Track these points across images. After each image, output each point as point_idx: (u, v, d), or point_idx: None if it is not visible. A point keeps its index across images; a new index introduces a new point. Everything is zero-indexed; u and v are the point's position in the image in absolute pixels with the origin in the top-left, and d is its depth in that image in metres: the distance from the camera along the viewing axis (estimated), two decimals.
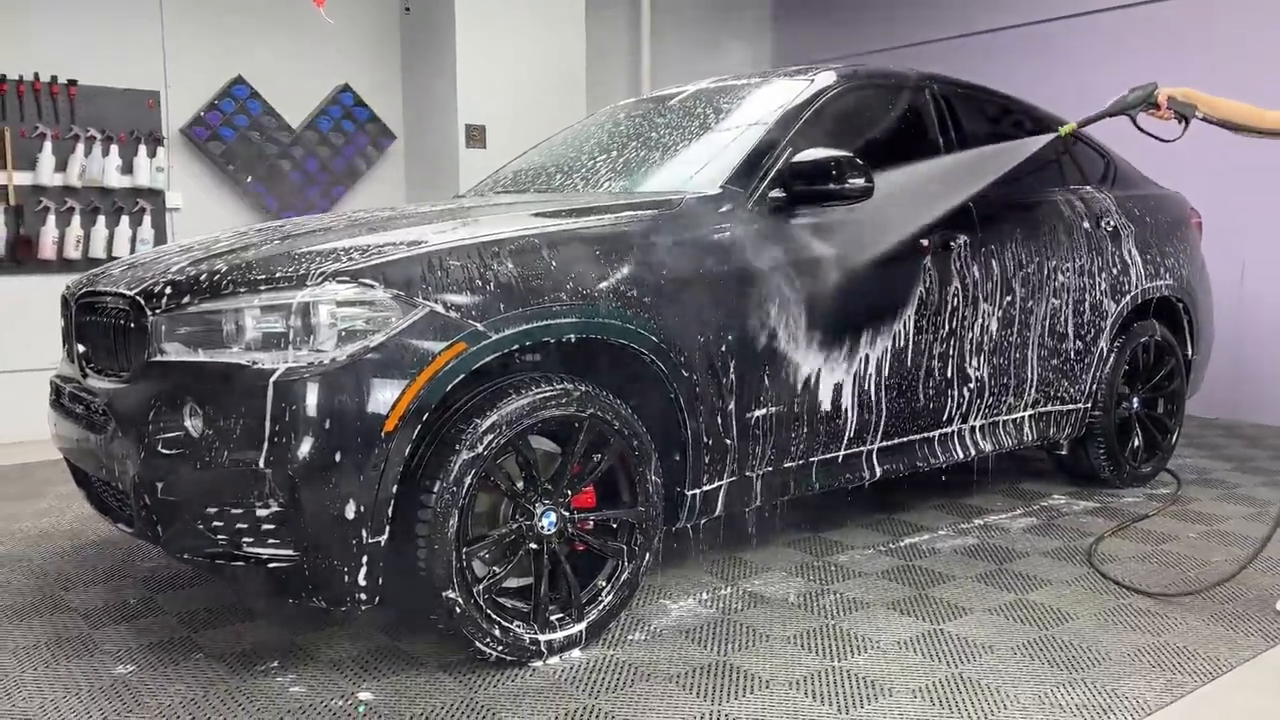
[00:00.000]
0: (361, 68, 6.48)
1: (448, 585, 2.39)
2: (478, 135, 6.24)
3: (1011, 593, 3.09)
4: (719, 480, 2.95)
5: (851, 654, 2.64)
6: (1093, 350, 4.08)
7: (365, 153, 6.47)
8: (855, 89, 3.54)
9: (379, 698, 2.40)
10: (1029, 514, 3.97)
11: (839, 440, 3.25)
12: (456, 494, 2.38)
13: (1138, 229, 4.26)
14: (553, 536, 2.57)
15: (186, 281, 2.48)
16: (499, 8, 6.25)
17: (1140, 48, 6.23)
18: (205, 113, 5.89)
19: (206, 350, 2.39)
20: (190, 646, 2.69)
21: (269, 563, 2.32)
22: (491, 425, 2.43)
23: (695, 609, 2.96)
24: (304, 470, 2.24)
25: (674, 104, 3.76)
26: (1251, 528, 3.78)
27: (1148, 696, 2.40)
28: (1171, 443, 4.52)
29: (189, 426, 2.35)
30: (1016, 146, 3.56)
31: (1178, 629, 2.80)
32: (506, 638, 2.49)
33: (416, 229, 2.69)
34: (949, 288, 3.49)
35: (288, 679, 2.49)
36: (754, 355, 2.96)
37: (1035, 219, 3.89)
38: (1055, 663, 2.59)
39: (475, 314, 2.42)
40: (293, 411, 2.25)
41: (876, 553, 3.48)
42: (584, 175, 3.54)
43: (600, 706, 2.35)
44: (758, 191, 3.05)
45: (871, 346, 3.29)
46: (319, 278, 2.36)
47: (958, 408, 3.60)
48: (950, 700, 2.38)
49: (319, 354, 2.30)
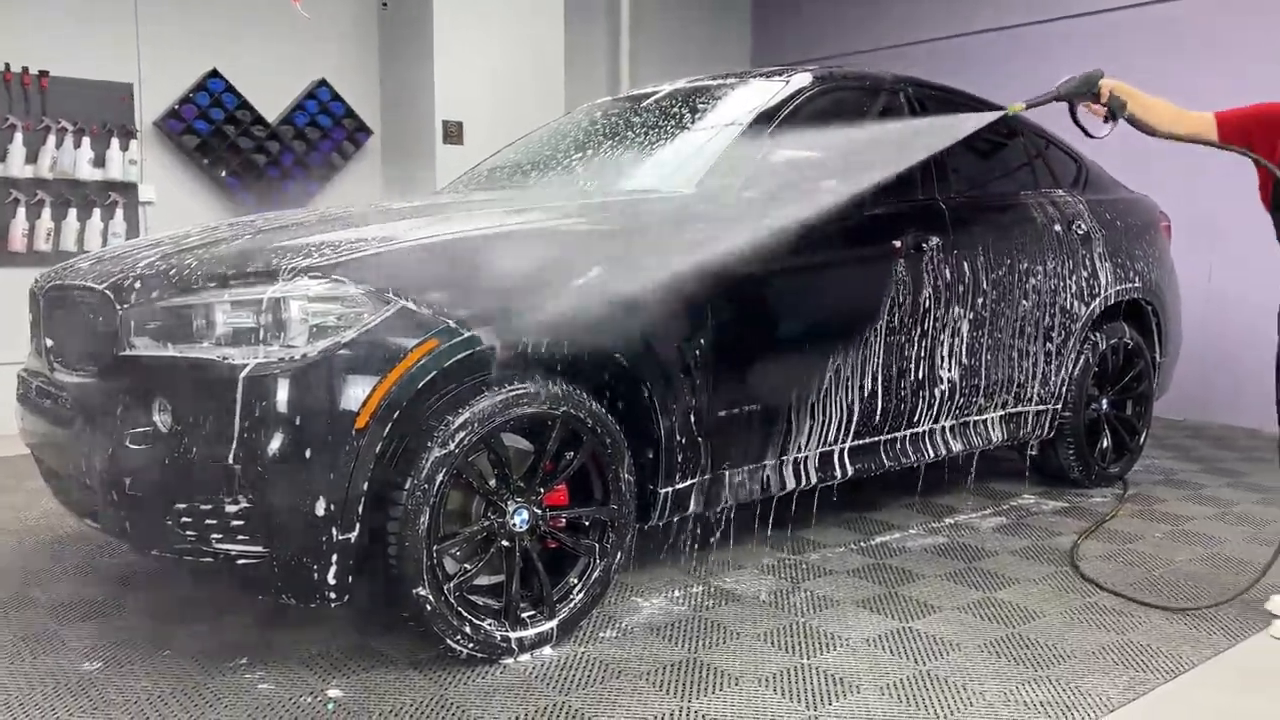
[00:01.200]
0: (338, 62, 6.44)
1: (418, 582, 2.38)
2: (455, 131, 6.22)
3: (980, 591, 3.12)
4: (692, 478, 2.96)
5: (821, 651, 2.66)
6: (1063, 352, 4.12)
7: (341, 148, 6.43)
8: (830, 91, 3.56)
9: (348, 695, 2.39)
10: (999, 513, 4.01)
11: (811, 439, 3.27)
12: (428, 491, 2.38)
13: (1108, 233, 4.31)
14: (525, 534, 2.58)
15: (157, 276, 2.47)
16: (477, 3, 6.23)
17: (1116, 52, 6.29)
18: (180, 105, 5.84)
19: (176, 345, 2.37)
20: (158, 643, 2.67)
21: (238, 559, 2.31)
22: (463, 423, 2.43)
23: (667, 606, 2.97)
24: (274, 466, 2.23)
25: (650, 103, 3.77)
26: (1215, 528, 3.84)
27: (1111, 693, 2.43)
28: (1140, 443, 4.58)
29: (158, 421, 2.33)
30: (962, 120, 3.52)
31: (1142, 627, 2.84)
32: (477, 635, 2.49)
33: (390, 225, 2.69)
34: (921, 289, 3.52)
35: (256, 676, 2.48)
36: (727, 354, 2.97)
37: (1008, 222, 3.93)
38: (1021, 660, 2.62)
39: (448, 311, 2.41)
40: (263, 407, 2.24)
41: (847, 551, 3.50)
42: (560, 173, 3.54)
43: (571, 704, 2.36)
44: (733, 191, 3.06)
45: (845, 346, 3.31)
46: (291, 273, 2.35)
47: (929, 408, 3.63)
48: (917, 697, 2.40)
49: (290, 350, 2.29)
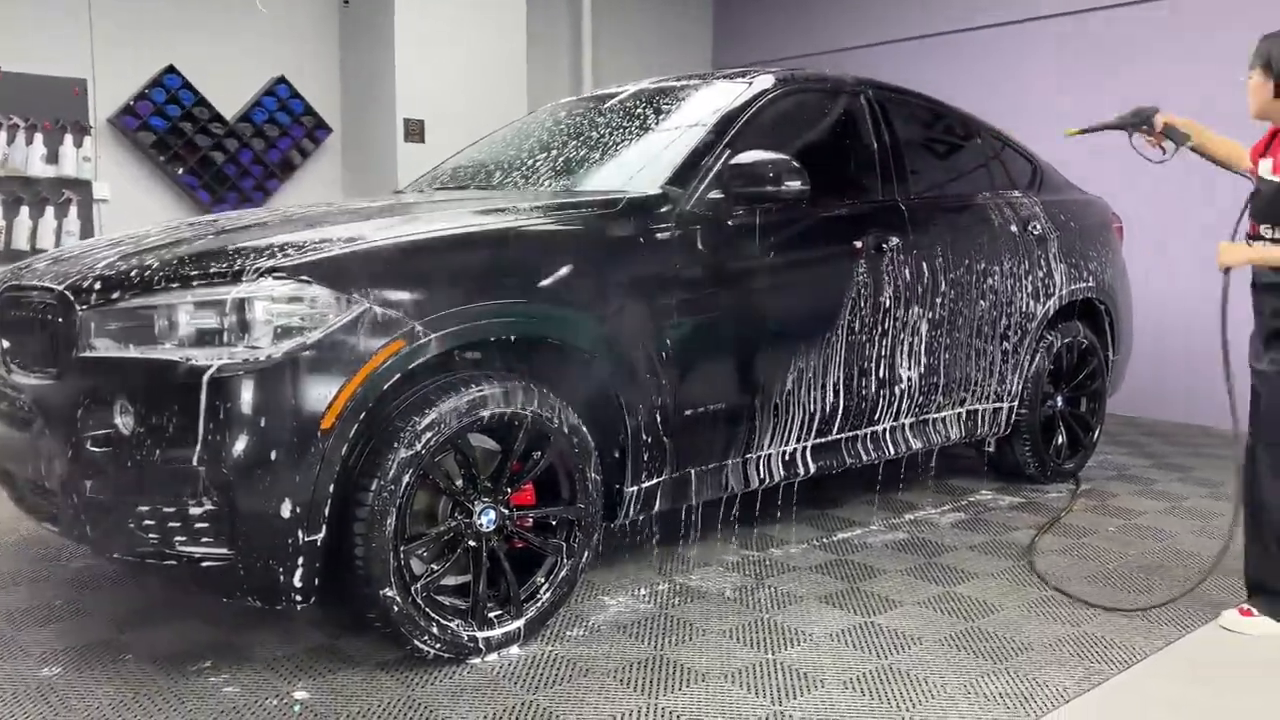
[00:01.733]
0: (298, 59, 6.38)
1: (385, 583, 2.38)
2: (416, 130, 6.19)
3: (940, 585, 3.18)
4: (658, 477, 2.98)
5: (785, 647, 2.69)
6: (1019, 351, 4.20)
7: (301, 145, 6.38)
8: (793, 93, 3.60)
9: (315, 697, 2.39)
10: (957, 509, 4.08)
11: (775, 438, 3.31)
12: (394, 492, 2.38)
13: (1062, 233, 4.40)
14: (491, 534, 2.58)
15: (117, 276, 2.44)
16: (439, 1, 6.21)
17: (1076, 54, 6.42)
18: (135, 102, 5.75)
19: (138, 346, 2.34)
20: (119, 648, 2.64)
21: (202, 562, 2.29)
22: (430, 423, 2.43)
23: (633, 604, 2.99)
24: (239, 468, 2.22)
25: (614, 104, 3.78)
26: (1167, 522, 3.94)
27: (1067, 684, 2.49)
28: (1093, 440, 4.68)
29: (119, 424, 2.31)
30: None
31: (1096, 620, 2.91)
32: (445, 635, 2.50)
33: (354, 225, 2.68)
34: (882, 289, 3.57)
35: (221, 679, 2.47)
36: (692, 354, 3.00)
37: (966, 223, 4.00)
38: (980, 653, 2.67)
39: (414, 312, 2.41)
40: (227, 409, 2.22)
41: (810, 547, 3.55)
42: (524, 173, 3.55)
43: (538, 702, 2.37)
44: (697, 192, 3.09)
45: (807, 345, 3.35)
46: (255, 274, 2.33)
47: (889, 406, 3.69)
48: (880, 691, 2.45)
49: (254, 351, 2.27)
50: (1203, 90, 5.84)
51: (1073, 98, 6.38)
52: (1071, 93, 6.39)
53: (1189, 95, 5.91)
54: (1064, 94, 6.42)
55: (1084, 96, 6.32)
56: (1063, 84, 6.44)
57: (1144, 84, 6.05)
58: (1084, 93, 6.33)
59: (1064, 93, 6.42)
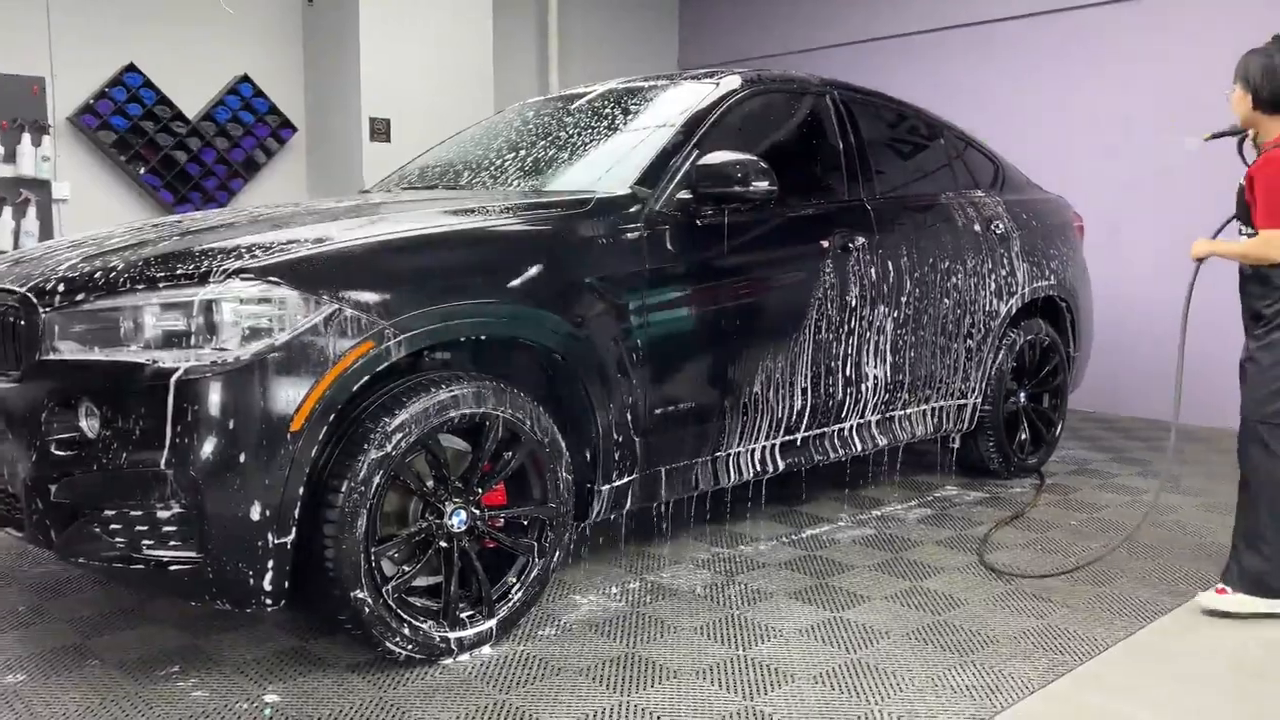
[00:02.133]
0: (261, 58, 6.32)
1: (356, 585, 2.37)
2: (382, 129, 6.16)
3: (907, 580, 3.22)
4: (629, 476, 3.00)
5: (756, 643, 2.72)
6: (983, 348, 4.26)
7: (265, 144, 6.32)
8: (760, 93, 3.63)
9: (286, 700, 2.37)
10: (923, 505, 4.14)
11: (744, 436, 3.34)
12: (365, 494, 2.37)
13: (1024, 232, 4.47)
14: (463, 534, 2.58)
15: (81, 278, 2.41)
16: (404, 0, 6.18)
17: (1034, 56, 6.51)
18: (95, 101, 5.67)
19: (103, 349, 2.32)
20: (84, 653, 2.61)
21: (170, 565, 2.27)
22: (400, 424, 2.42)
23: (604, 603, 3.00)
24: (207, 471, 2.20)
25: (583, 104, 3.79)
26: (1126, 514, 4.01)
27: (1032, 676, 2.54)
28: (1056, 435, 4.76)
29: (84, 427, 2.28)
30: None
31: (1059, 612, 2.97)
32: (416, 636, 2.50)
33: (322, 226, 2.66)
34: (848, 288, 3.61)
35: (189, 683, 2.45)
36: (663, 353, 3.02)
37: (930, 222, 4.05)
38: (947, 646, 2.71)
39: (383, 313, 2.40)
40: (195, 411, 2.20)
41: (779, 544, 3.58)
42: (493, 173, 3.55)
43: (511, 701, 2.37)
44: (666, 192, 3.10)
45: (775, 345, 3.38)
46: (222, 275, 2.32)
47: (856, 404, 3.73)
48: (850, 685, 2.48)
49: (222, 353, 2.26)
50: (1166, 89, 5.96)
51: (1033, 98, 6.47)
52: (1031, 93, 6.49)
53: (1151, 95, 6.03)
54: (1023, 94, 6.52)
55: (1044, 97, 6.42)
56: (1021, 84, 6.54)
57: (1102, 85, 6.16)
58: (1043, 93, 6.43)
59: (1023, 93, 6.52)
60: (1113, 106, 6.12)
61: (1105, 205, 5.90)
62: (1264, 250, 2.86)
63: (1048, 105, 6.41)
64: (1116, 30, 6.12)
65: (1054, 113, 6.39)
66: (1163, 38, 5.92)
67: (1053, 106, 6.40)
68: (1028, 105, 6.49)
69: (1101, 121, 6.16)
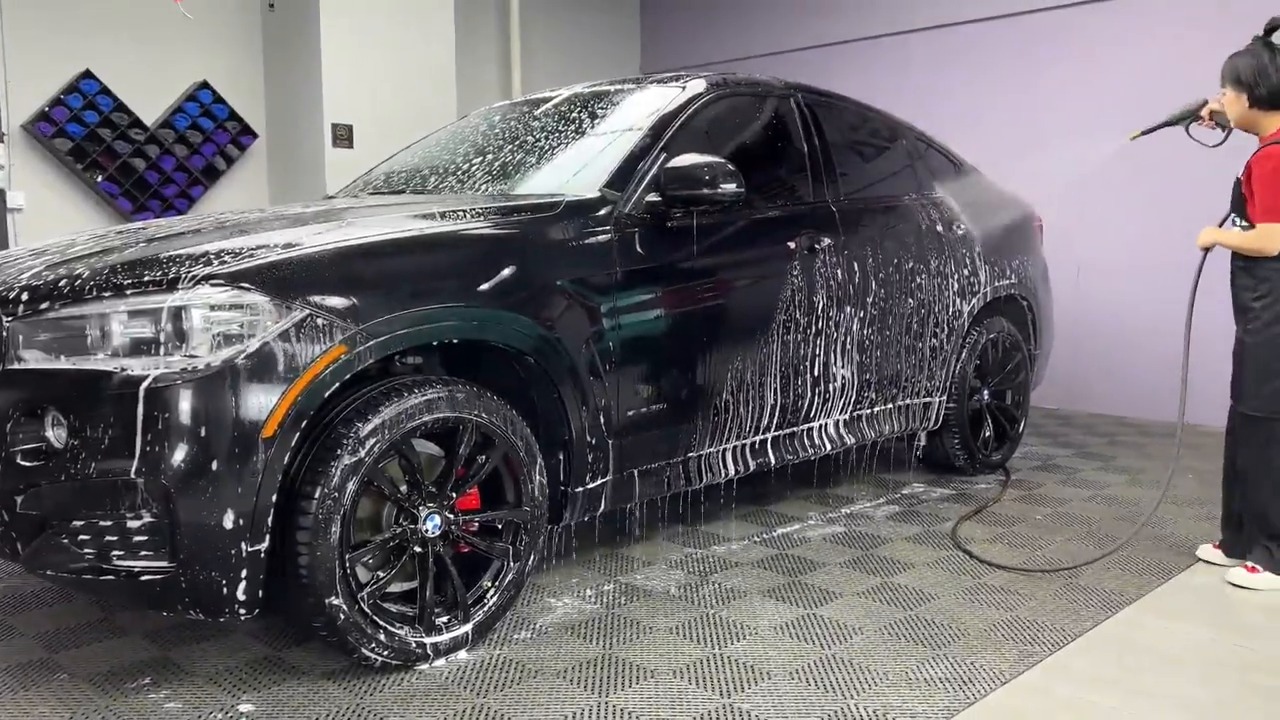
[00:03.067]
0: (220, 63, 6.25)
1: (331, 592, 2.36)
2: (344, 134, 6.12)
3: (878, 576, 3.26)
4: (602, 478, 3.00)
5: (731, 641, 2.74)
6: (947, 347, 4.32)
7: (225, 151, 6.25)
8: (725, 97, 3.66)
9: (261, 709, 2.35)
10: (891, 502, 4.19)
11: (715, 436, 3.36)
12: (339, 500, 2.36)
13: (985, 232, 4.53)
14: (437, 539, 2.58)
15: (45, 286, 2.38)
16: (365, 4, 6.14)
17: (992, 58, 6.62)
18: (50, 108, 5.57)
19: (69, 357, 2.29)
20: (52, 667, 2.57)
21: (141, 575, 2.24)
22: (373, 429, 2.41)
23: (579, 605, 3.00)
24: (179, 479, 2.18)
25: (549, 108, 3.80)
26: (1090, 509, 4.09)
27: (1003, 666, 2.58)
28: (1019, 432, 4.83)
29: (51, 436, 2.25)
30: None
31: (1028, 605, 3.02)
32: (392, 642, 2.48)
33: (291, 231, 2.65)
34: (815, 289, 3.65)
35: (161, 695, 2.42)
36: (634, 354, 3.03)
37: (894, 223, 4.10)
38: (920, 640, 2.75)
39: (355, 317, 2.39)
40: (165, 419, 2.18)
41: (751, 543, 3.61)
42: (460, 177, 3.54)
43: (489, 705, 2.37)
44: (635, 195, 3.12)
45: (744, 345, 3.40)
46: (191, 281, 2.29)
47: (824, 403, 3.77)
48: (825, 680, 2.51)
49: (192, 359, 2.23)
50: (1126, 90, 6.08)
51: (990, 100, 6.58)
52: (989, 95, 6.59)
53: (1110, 96, 6.16)
54: (981, 96, 6.62)
55: (1002, 99, 6.53)
56: (978, 87, 6.64)
57: (1063, 86, 6.28)
58: (1002, 95, 6.54)
59: (981, 95, 6.63)
60: (1070, 107, 6.24)
61: (1063, 205, 6.00)
62: (1261, 243, 3.03)
63: (1006, 106, 6.52)
64: (1075, 32, 6.24)
65: (1012, 113, 6.50)
66: (1122, 39, 6.04)
67: (1011, 107, 6.51)
68: (987, 107, 6.59)
69: (1058, 122, 6.27)
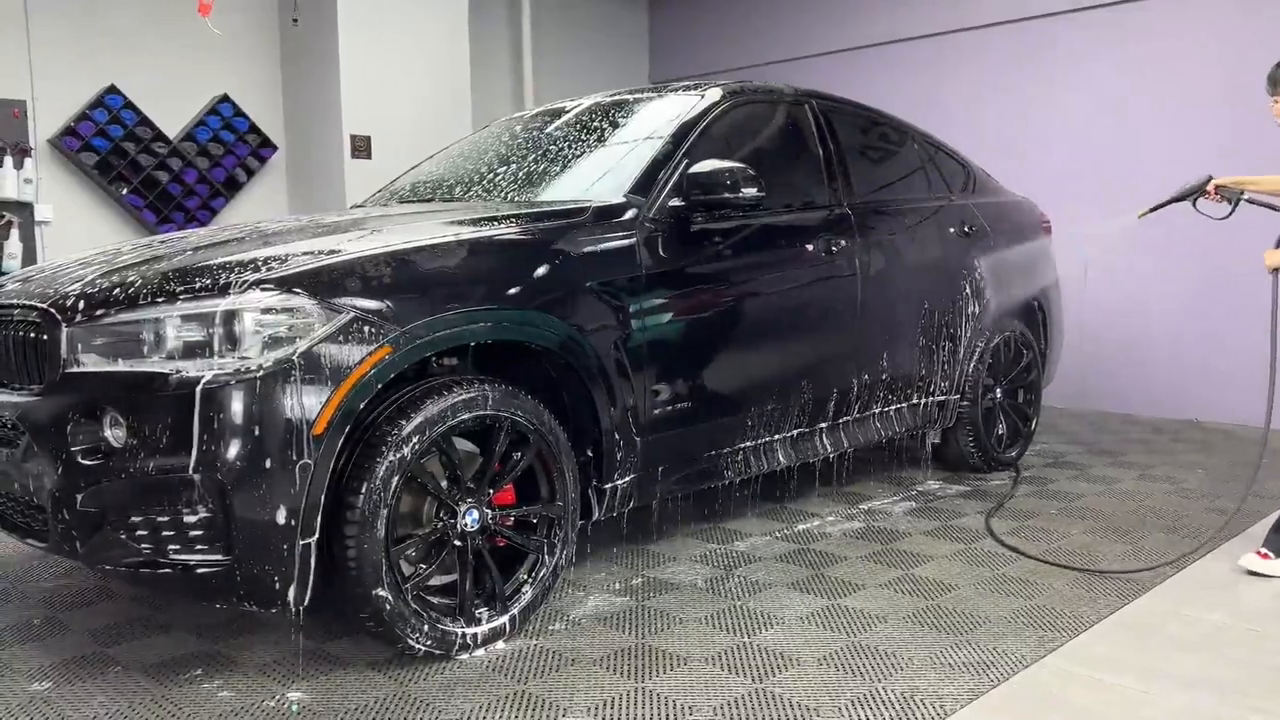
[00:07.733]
0: (241, 77, 6.38)
1: (378, 584, 2.45)
2: (363, 146, 6.23)
3: (899, 569, 3.35)
4: (631, 474, 3.10)
5: (760, 630, 2.83)
6: (960, 346, 4.41)
7: (246, 163, 6.37)
8: (743, 104, 3.76)
9: (311, 697, 2.44)
10: (908, 498, 4.27)
11: (738, 434, 3.45)
12: (384, 495, 2.45)
13: (996, 233, 4.62)
14: (476, 533, 2.67)
15: (100, 293, 2.48)
16: (382, 19, 6.26)
17: (989, 66, 6.72)
18: (76, 123, 5.70)
19: (125, 360, 2.39)
20: (106, 660, 2.66)
21: (197, 569, 2.34)
22: (415, 428, 2.51)
23: (610, 598, 3.09)
24: (235, 476, 2.27)
25: (570, 117, 3.90)
26: (1103, 503, 4.17)
27: (1025, 651, 2.67)
28: (1031, 429, 4.92)
29: (110, 436, 2.35)
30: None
31: (1047, 593, 3.10)
32: (434, 633, 2.58)
33: (331, 238, 2.75)
34: (832, 290, 3.74)
35: (214, 685, 2.51)
36: (660, 353, 3.12)
37: (907, 225, 4.20)
38: (942, 627, 2.84)
39: (397, 320, 2.49)
40: (221, 418, 2.28)
41: (773, 539, 3.69)
42: (485, 186, 3.64)
43: (530, 691, 2.46)
44: (659, 200, 3.22)
45: (766, 345, 3.50)
46: (242, 286, 2.40)
47: (844, 401, 3.86)
48: (852, 665, 2.59)
49: (244, 361, 2.33)
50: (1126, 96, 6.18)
51: (996, 105, 6.68)
52: (994, 101, 6.69)
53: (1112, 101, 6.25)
54: (986, 102, 6.72)
55: (1008, 105, 6.63)
56: (983, 92, 6.74)
57: (1066, 91, 6.37)
58: (1007, 101, 6.63)
59: (986, 100, 6.72)
60: (1075, 111, 6.33)
61: (1069, 207, 6.09)
62: None
63: (1011, 112, 6.62)
64: (1078, 39, 6.34)
65: (1017, 117, 6.59)
66: (1121, 46, 6.14)
67: (1015, 114, 6.60)
68: (994, 111, 6.69)
69: (1064, 125, 6.36)
